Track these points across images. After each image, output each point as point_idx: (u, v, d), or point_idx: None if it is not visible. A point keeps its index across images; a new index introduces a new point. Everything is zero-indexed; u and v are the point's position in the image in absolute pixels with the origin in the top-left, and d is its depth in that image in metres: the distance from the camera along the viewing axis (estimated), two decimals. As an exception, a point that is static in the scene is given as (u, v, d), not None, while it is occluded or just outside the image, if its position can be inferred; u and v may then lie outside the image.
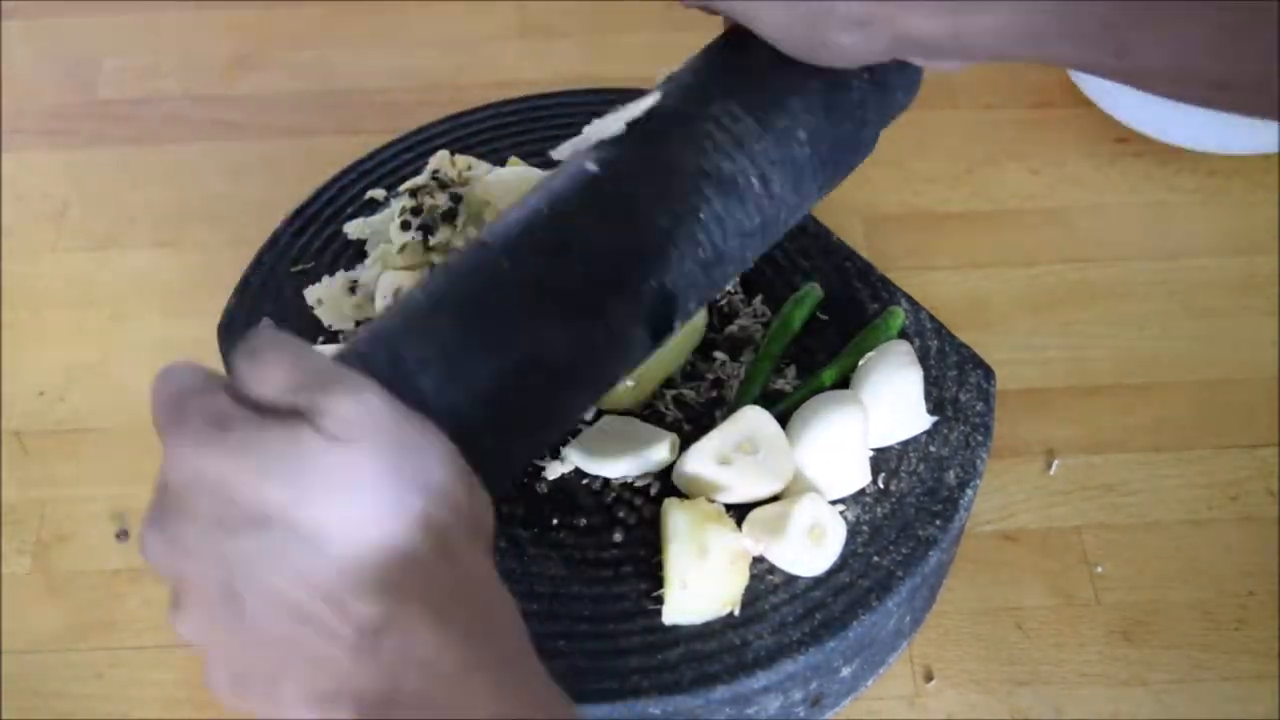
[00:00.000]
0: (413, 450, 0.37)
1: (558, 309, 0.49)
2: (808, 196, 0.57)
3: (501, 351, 0.47)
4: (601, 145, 0.53)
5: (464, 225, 0.67)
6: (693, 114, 0.54)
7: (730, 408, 0.62)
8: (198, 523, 0.36)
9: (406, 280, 0.66)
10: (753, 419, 0.59)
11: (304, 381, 0.37)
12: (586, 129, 0.54)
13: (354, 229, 0.71)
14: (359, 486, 0.36)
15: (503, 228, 0.51)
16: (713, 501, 0.58)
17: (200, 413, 0.36)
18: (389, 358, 0.44)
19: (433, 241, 0.66)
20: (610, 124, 0.54)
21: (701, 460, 0.59)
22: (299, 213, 0.72)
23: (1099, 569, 0.68)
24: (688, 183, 0.53)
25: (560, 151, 0.54)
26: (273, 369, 0.37)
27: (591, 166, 0.52)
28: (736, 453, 0.59)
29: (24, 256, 0.84)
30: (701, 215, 0.53)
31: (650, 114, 0.54)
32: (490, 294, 0.48)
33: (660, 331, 0.52)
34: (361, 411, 0.37)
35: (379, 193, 0.73)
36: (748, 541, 0.57)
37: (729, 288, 0.68)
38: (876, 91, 0.58)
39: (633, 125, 0.53)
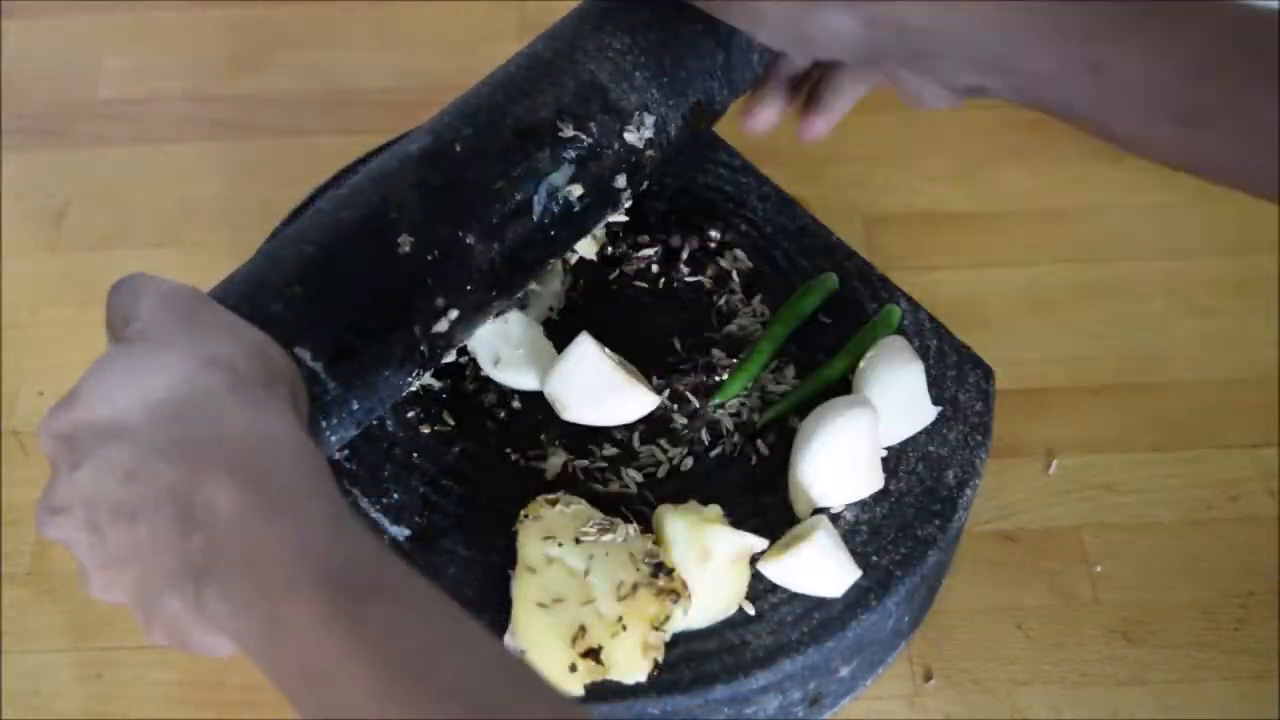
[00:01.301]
0: (195, 331, 0.45)
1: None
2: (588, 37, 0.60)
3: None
4: None
5: None
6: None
7: (724, 388, 0.63)
8: (61, 475, 0.44)
9: None
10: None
11: (123, 306, 0.47)
12: None
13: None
14: (148, 370, 0.43)
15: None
16: (707, 504, 0.58)
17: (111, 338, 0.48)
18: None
19: None
20: None
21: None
22: (298, 213, 0.72)
23: (1099, 569, 0.68)
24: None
25: None
26: (116, 300, 0.48)
27: None
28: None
29: (24, 256, 0.84)
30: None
31: None
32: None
33: (423, 154, 0.58)
34: (154, 310, 0.46)
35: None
36: (749, 539, 0.56)
37: (729, 289, 0.68)
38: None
39: None
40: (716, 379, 0.64)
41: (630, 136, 0.59)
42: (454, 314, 0.57)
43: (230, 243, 0.80)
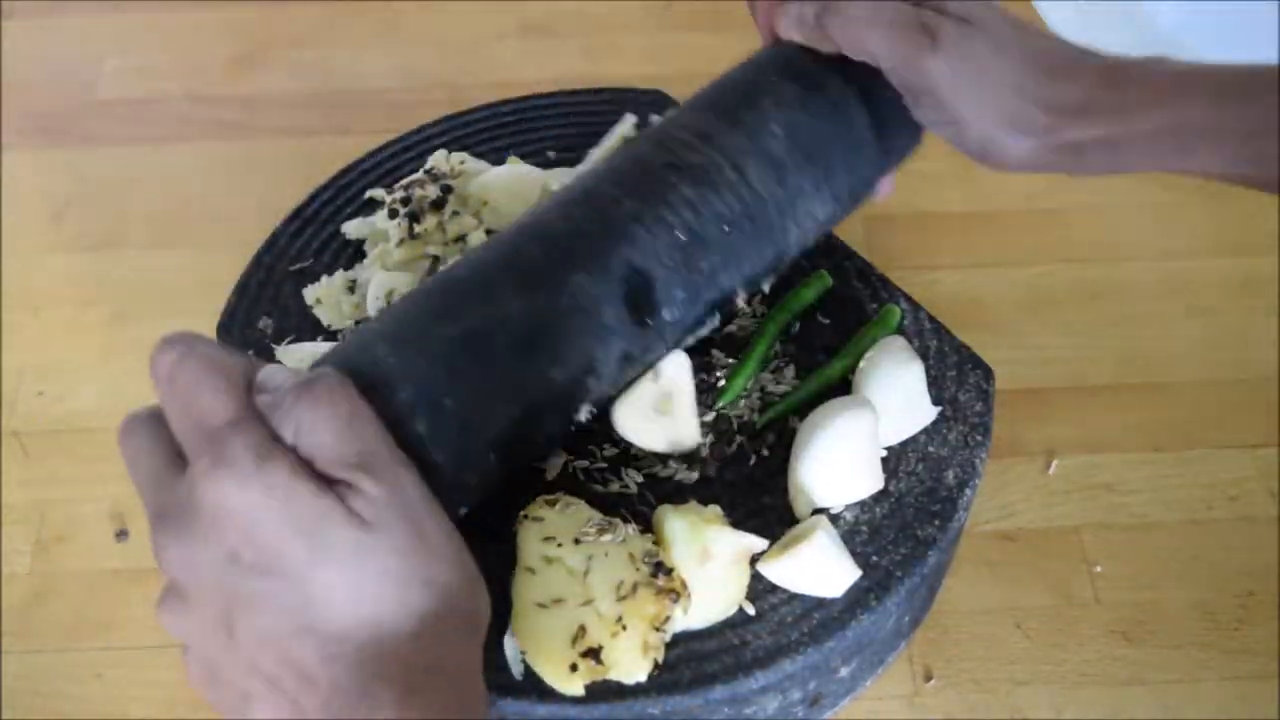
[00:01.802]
0: (428, 547, 0.40)
1: (516, 277, 0.52)
2: (797, 190, 0.57)
3: (460, 319, 0.50)
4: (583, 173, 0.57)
5: (450, 214, 0.67)
6: (663, 124, 0.57)
7: (726, 390, 0.63)
8: (217, 549, 0.39)
9: (399, 280, 0.66)
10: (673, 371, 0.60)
11: (346, 456, 0.40)
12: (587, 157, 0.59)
13: (353, 229, 0.71)
14: (367, 569, 0.39)
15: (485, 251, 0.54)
16: (705, 505, 0.58)
17: (245, 446, 0.39)
18: (370, 360, 0.47)
19: (418, 229, 0.66)
20: (596, 151, 0.57)
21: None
22: (298, 213, 0.72)
23: (1098, 569, 0.68)
24: (655, 173, 0.55)
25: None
26: (323, 428, 0.40)
27: (566, 179, 0.57)
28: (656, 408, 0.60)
29: (24, 256, 0.84)
30: (669, 198, 0.54)
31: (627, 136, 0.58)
32: (455, 281, 0.52)
33: (641, 310, 0.53)
34: (391, 500, 0.40)
35: (378, 193, 0.73)
36: (749, 539, 0.56)
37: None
38: (864, 99, 0.59)
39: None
40: (717, 379, 0.64)
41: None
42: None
43: (230, 243, 0.80)
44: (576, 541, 0.55)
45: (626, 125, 0.66)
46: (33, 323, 0.80)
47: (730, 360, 0.64)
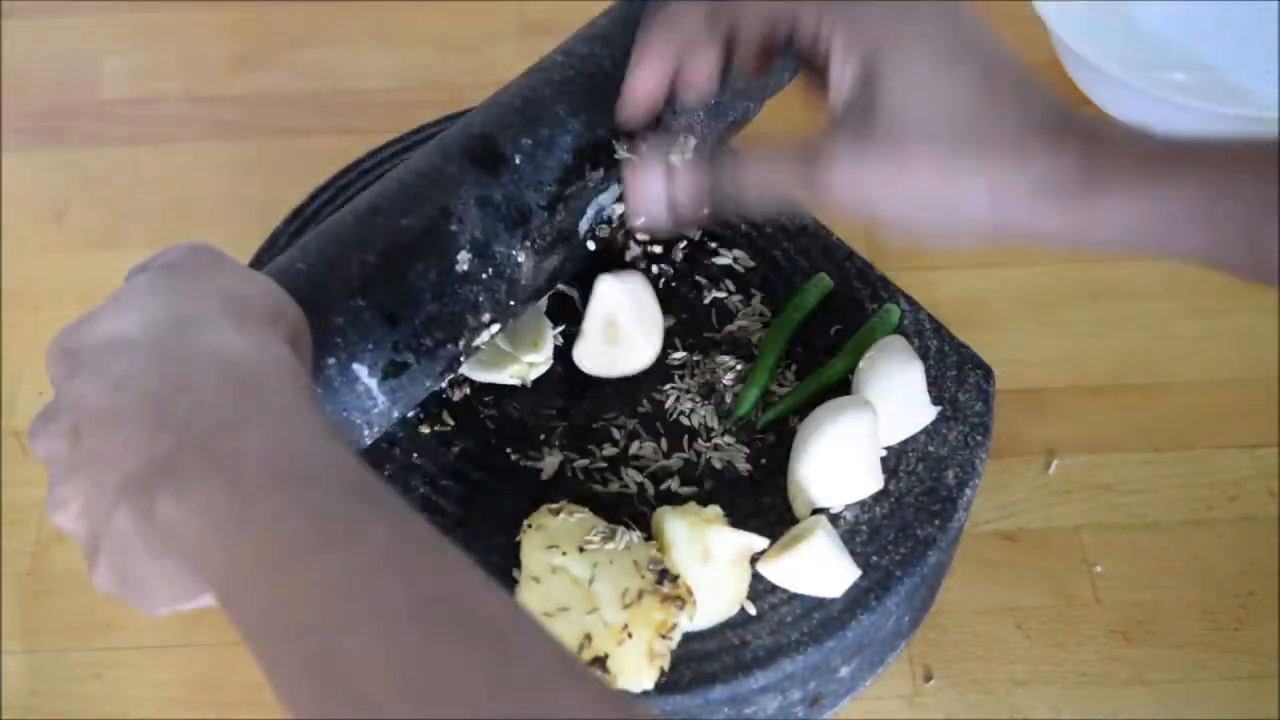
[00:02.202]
0: (214, 270, 0.47)
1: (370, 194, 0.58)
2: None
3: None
4: None
5: None
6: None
7: (739, 405, 0.63)
8: (59, 388, 0.44)
9: None
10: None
11: (149, 258, 0.49)
12: None
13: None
14: (155, 295, 0.45)
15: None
16: (706, 505, 0.58)
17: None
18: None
19: None
20: None
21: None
22: (298, 213, 0.72)
23: (1098, 569, 0.68)
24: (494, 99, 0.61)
25: None
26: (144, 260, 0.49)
27: None
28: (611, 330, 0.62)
29: (24, 256, 0.84)
30: (500, 93, 0.60)
31: None
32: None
33: (485, 158, 0.58)
34: (174, 251, 0.48)
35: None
36: (749, 539, 0.56)
37: (727, 290, 0.68)
38: None
39: None
40: (718, 379, 0.64)
41: (674, 158, 0.59)
42: (495, 327, 0.58)
43: (230, 243, 0.79)
44: (580, 550, 0.55)
45: None
46: (33, 323, 0.80)
47: (735, 362, 0.64)
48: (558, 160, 0.59)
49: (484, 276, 0.57)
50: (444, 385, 0.64)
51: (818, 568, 0.56)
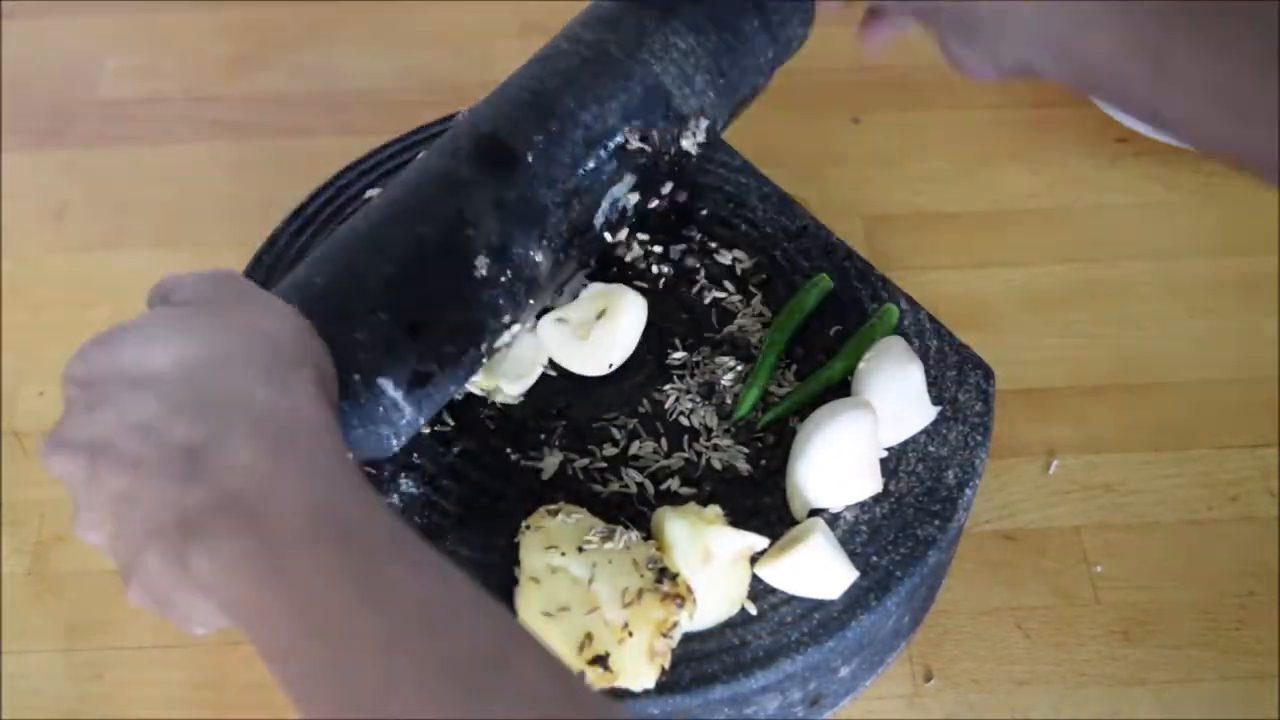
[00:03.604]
0: (242, 305, 0.46)
1: (382, 200, 0.57)
2: (639, 29, 0.60)
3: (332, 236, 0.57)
4: None
5: None
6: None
7: (739, 407, 0.63)
8: (76, 412, 0.43)
9: None
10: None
11: (170, 284, 0.48)
12: None
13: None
14: (184, 333, 0.44)
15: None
16: (706, 505, 0.58)
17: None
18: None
19: None
20: None
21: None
22: (298, 213, 0.72)
23: (1099, 569, 0.68)
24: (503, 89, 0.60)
25: None
26: (155, 289, 0.49)
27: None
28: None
29: (24, 256, 0.84)
30: (509, 83, 0.59)
31: None
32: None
33: (496, 159, 0.57)
34: (201, 283, 0.47)
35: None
36: (749, 539, 0.56)
37: (727, 290, 0.68)
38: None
39: None
40: (718, 379, 0.64)
41: (686, 143, 0.59)
42: (515, 328, 0.58)
43: (230, 243, 0.80)
44: (579, 550, 0.55)
45: None
46: (33, 323, 0.80)
47: (735, 362, 0.64)
48: (569, 155, 0.58)
49: (502, 279, 0.56)
50: None
51: (815, 570, 0.56)
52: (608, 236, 0.60)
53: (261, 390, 0.43)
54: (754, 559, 0.57)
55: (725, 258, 0.69)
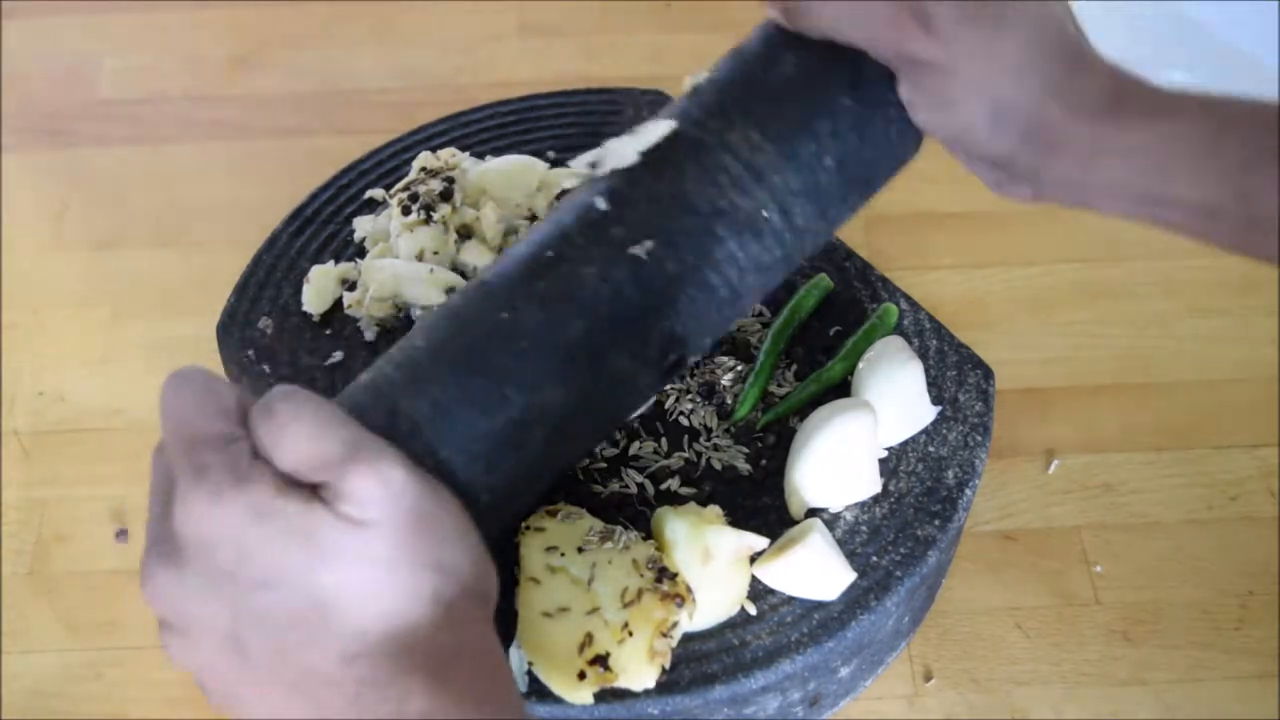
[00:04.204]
0: (428, 529, 0.39)
1: (558, 363, 0.47)
2: (836, 220, 0.54)
3: (500, 408, 0.46)
4: (613, 175, 0.50)
5: (461, 203, 0.69)
6: (710, 143, 0.51)
7: (739, 407, 0.63)
8: (211, 571, 0.37)
9: (399, 268, 0.66)
10: None
11: (324, 459, 0.38)
12: (605, 146, 0.52)
13: (363, 226, 0.72)
14: (372, 565, 0.38)
15: (506, 268, 0.49)
16: (706, 505, 0.58)
17: (220, 465, 0.37)
18: (387, 412, 0.44)
19: (435, 218, 0.67)
20: (625, 150, 0.51)
21: None
22: (298, 213, 0.72)
23: (1098, 569, 0.68)
24: (700, 224, 0.50)
25: (577, 163, 0.52)
26: (291, 440, 0.38)
27: (601, 204, 0.50)
28: None
29: (24, 256, 0.84)
30: (716, 256, 0.50)
31: (666, 141, 0.51)
32: (490, 348, 0.47)
33: (669, 372, 0.51)
34: (380, 494, 0.38)
35: (378, 193, 0.73)
36: (749, 539, 0.56)
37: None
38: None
39: (646, 154, 0.50)
40: (718, 379, 0.64)
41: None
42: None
43: (230, 243, 0.80)
44: (579, 550, 0.55)
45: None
46: (33, 323, 0.80)
47: (734, 363, 0.64)
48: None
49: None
50: None
51: (812, 571, 0.56)
52: None
53: (446, 637, 0.39)
54: (753, 559, 0.57)
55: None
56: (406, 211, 0.68)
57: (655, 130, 0.51)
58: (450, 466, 0.45)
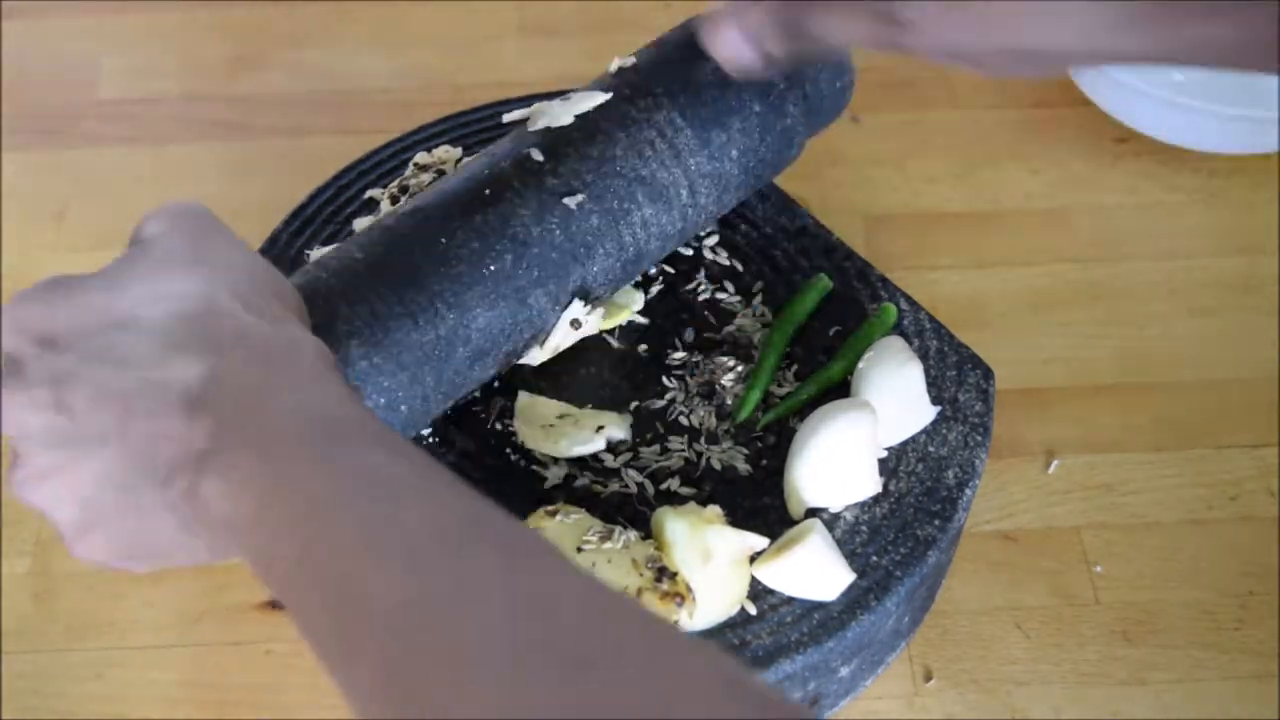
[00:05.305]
0: (212, 243, 0.46)
1: (487, 290, 0.55)
2: (726, 205, 0.64)
3: (431, 324, 0.54)
4: (548, 132, 0.59)
5: None
6: (639, 118, 0.60)
7: (741, 408, 0.63)
8: (34, 359, 0.42)
9: None
10: None
11: (144, 219, 0.47)
12: (534, 107, 0.61)
13: (360, 226, 0.71)
14: (160, 274, 0.44)
15: (442, 198, 0.57)
16: (706, 505, 0.58)
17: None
18: (326, 314, 0.51)
19: None
20: (559, 112, 0.59)
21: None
22: (298, 213, 0.72)
23: (1098, 569, 0.68)
24: (625, 187, 0.59)
25: (509, 118, 0.62)
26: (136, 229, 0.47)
27: (537, 155, 0.58)
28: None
29: (24, 256, 0.84)
30: (631, 217, 0.59)
31: (598, 110, 0.60)
32: (426, 267, 0.54)
33: (571, 311, 0.59)
34: (166, 221, 0.47)
35: (378, 193, 0.73)
36: (749, 539, 0.56)
37: (727, 290, 0.68)
38: (809, 116, 0.64)
39: (580, 118, 0.59)
40: (718, 379, 0.64)
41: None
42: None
43: (230, 243, 0.80)
44: (579, 550, 0.55)
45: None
46: (33, 323, 0.80)
47: (735, 363, 0.64)
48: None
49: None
50: None
51: (811, 571, 0.56)
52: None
53: (249, 320, 0.44)
54: (753, 559, 0.57)
55: (725, 258, 0.69)
56: (395, 202, 0.68)
57: (589, 100, 0.60)
58: (380, 373, 0.52)
